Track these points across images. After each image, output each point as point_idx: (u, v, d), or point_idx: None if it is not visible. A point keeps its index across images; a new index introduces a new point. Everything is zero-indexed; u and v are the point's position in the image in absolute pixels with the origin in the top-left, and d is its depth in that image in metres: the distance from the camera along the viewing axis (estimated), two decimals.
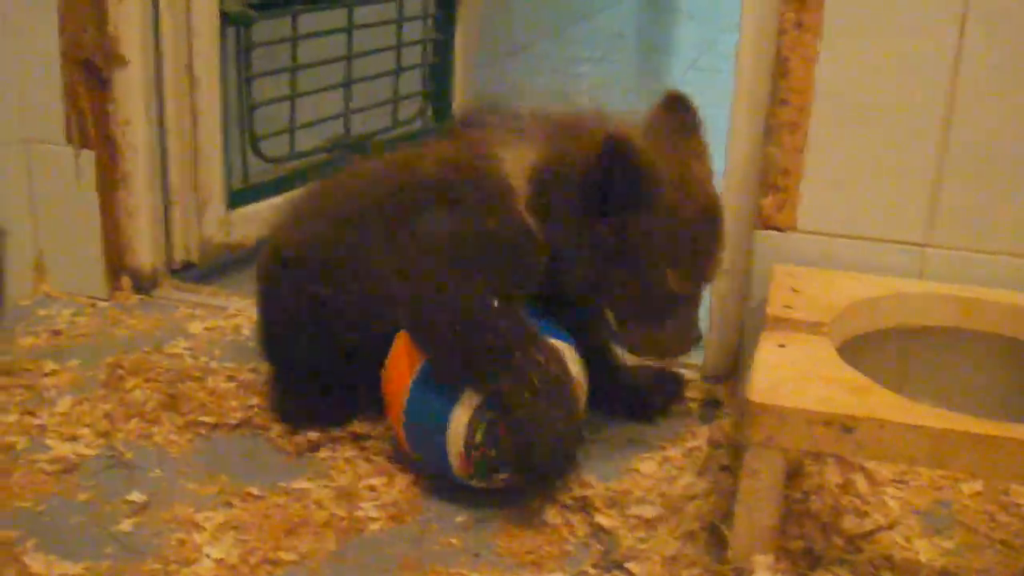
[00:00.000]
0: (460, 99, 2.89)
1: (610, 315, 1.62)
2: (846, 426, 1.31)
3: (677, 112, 1.65)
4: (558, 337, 1.59)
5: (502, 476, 1.54)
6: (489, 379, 1.49)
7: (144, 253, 2.22)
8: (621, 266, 1.56)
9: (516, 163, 1.59)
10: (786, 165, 1.74)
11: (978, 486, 1.63)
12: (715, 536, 1.47)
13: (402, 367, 1.57)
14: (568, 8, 5.57)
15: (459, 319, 1.51)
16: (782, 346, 1.48)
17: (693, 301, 1.64)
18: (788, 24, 1.69)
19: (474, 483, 1.56)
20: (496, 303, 1.51)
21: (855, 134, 1.70)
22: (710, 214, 1.60)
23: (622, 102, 4.27)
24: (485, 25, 3.12)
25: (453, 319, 1.51)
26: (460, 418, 1.51)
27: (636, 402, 1.78)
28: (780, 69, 1.71)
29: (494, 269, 1.54)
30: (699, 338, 1.68)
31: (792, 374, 1.40)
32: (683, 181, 1.56)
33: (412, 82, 2.83)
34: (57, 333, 2.05)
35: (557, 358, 1.53)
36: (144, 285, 2.23)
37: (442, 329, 1.51)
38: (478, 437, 1.50)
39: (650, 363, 1.83)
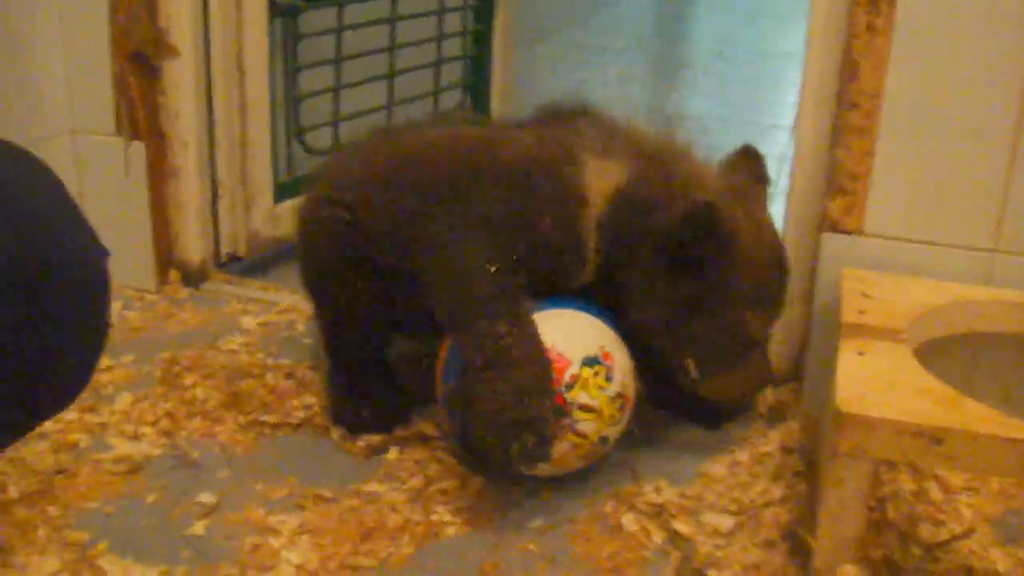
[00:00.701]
0: (498, 89, 2.87)
1: (690, 364, 1.61)
2: (936, 437, 1.31)
3: (750, 162, 1.72)
4: (599, 317, 1.60)
5: None
6: (458, 337, 1.55)
7: (193, 246, 2.21)
8: (697, 312, 1.57)
9: (598, 177, 1.59)
10: (854, 169, 1.73)
11: None
12: (796, 544, 1.47)
13: (442, 347, 1.63)
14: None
15: (449, 269, 1.56)
16: (862, 354, 1.47)
17: (764, 342, 1.66)
18: (860, 27, 1.68)
19: None
20: (492, 269, 1.53)
21: (924, 138, 1.69)
22: (779, 257, 1.65)
23: (645, 93, 4.27)
24: (523, 11, 3.10)
25: (445, 268, 1.57)
26: None
27: (708, 408, 1.77)
28: (850, 72, 1.70)
29: (519, 254, 1.56)
30: (774, 379, 1.71)
31: (877, 383, 1.39)
32: (757, 229, 1.61)
33: (452, 73, 2.82)
34: None
35: (530, 337, 1.50)
36: (193, 278, 2.22)
37: (440, 279, 1.57)
38: None
39: None
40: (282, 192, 2.34)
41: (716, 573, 1.43)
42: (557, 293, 1.60)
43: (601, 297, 1.61)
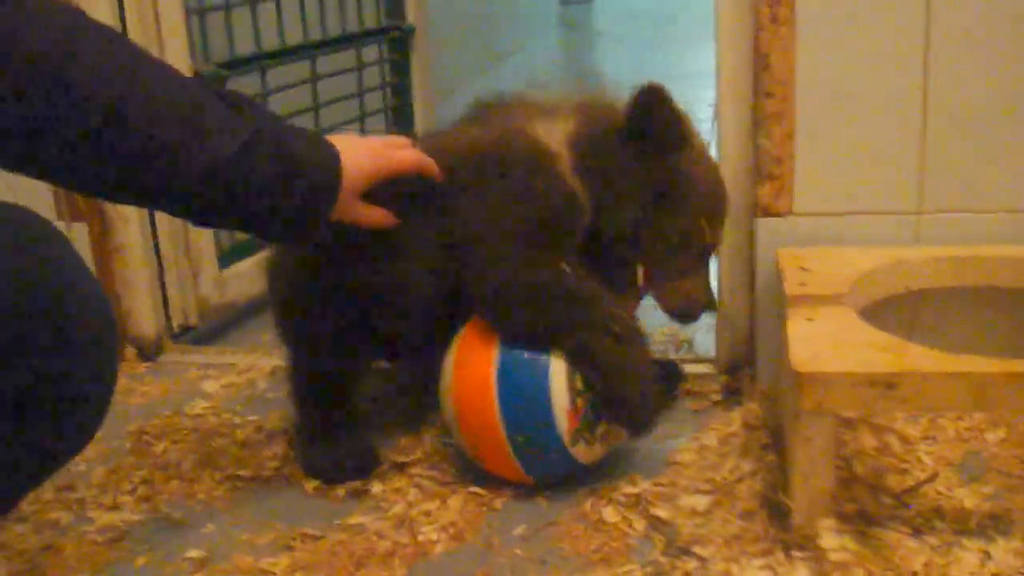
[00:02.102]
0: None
1: (639, 270, 1.69)
2: (889, 383, 1.37)
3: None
4: None
5: (601, 431, 1.60)
6: (572, 338, 1.56)
7: (146, 321, 2.23)
8: (663, 209, 1.65)
9: (552, 134, 1.66)
10: (778, 153, 1.80)
11: (1002, 433, 1.70)
12: (773, 510, 1.51)
13: (474, 367, 1.61)
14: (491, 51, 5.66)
15: (537, 291, 1.57)
16: (810, 319, 1.53)
17: (708, 265, 1.76)
18: (764, 20, 1.76)
19: (579, 450, 1.59)
20: (565, 267, 1.58)
21: (840, 116, 1.77)
22: (719, 176, 1.76)
23: None
24: (435, 64, 3.18)
25: (531, 292, 1.57)
26: (559, 371, 1.56)
27: None
28: (762, 63, 1.78)
29: (549, 235, 1.60)
30: (715, 302, 1.81)
31: (828, 342, 1.45)
32: (700, 141, 1.72)
33: (375, 125, 2.88)
34: None
35: (628, 311, 1.64)
36: (149, 352, 2.24)
37: (521, 304, 1.58)
38: (579, 383, 1.57)
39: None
40: (226, 258, 2.37)
41: (701, 549, 1.47)
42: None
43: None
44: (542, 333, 1.57)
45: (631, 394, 1.55)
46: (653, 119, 1.61)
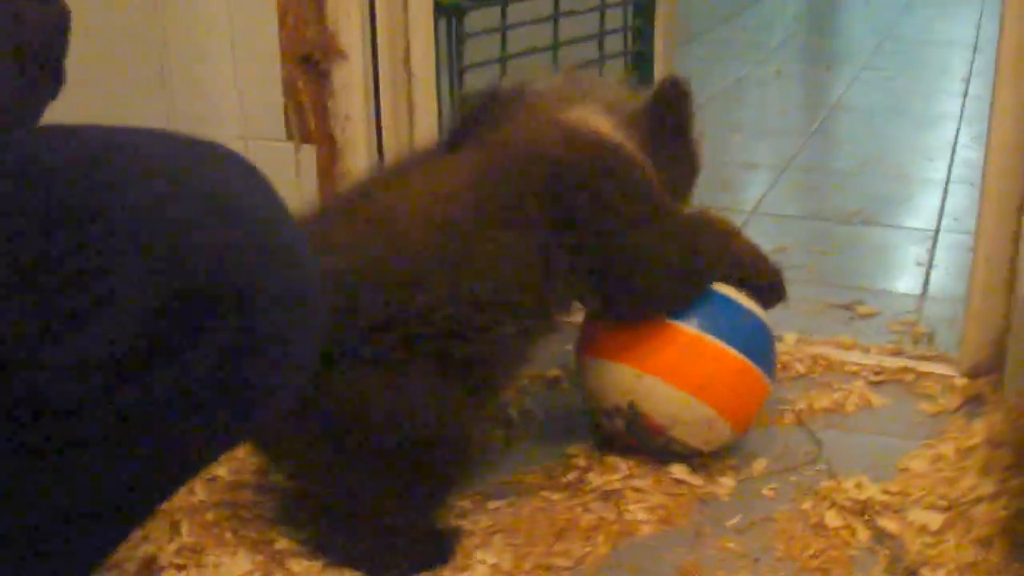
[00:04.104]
0: None
1: None
2: None
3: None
4: None
5: None
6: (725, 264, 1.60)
7: None
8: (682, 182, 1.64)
9: (597, 121, 1.54)
10: None
11: None
12: (1016, 542, 1.38)
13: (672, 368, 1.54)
14: None
15: (694, 255, 1.56)
16: None
17: None
18: None
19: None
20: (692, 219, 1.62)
21: None
22: None
23: (805, 89, 4.16)
24: (680, 10, 3.05)
25: (693, 257, 1.56)
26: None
27: None
28: None
29: (663, 205, 1.55)
30: None
31: None
32: None
33: (615, 70, 2.77)
34: None
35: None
36: None
37: (690, 272, 1.56)
38: None
39: None
40: None
41: (930, 572, 1.35)
42: None
43: None
44: (704, 273, 1.58)
45: (772, 273, 1.66)
46: (679, 110, 1.58)
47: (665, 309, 1.55)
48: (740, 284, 1.60)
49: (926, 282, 2.27)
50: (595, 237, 1.48)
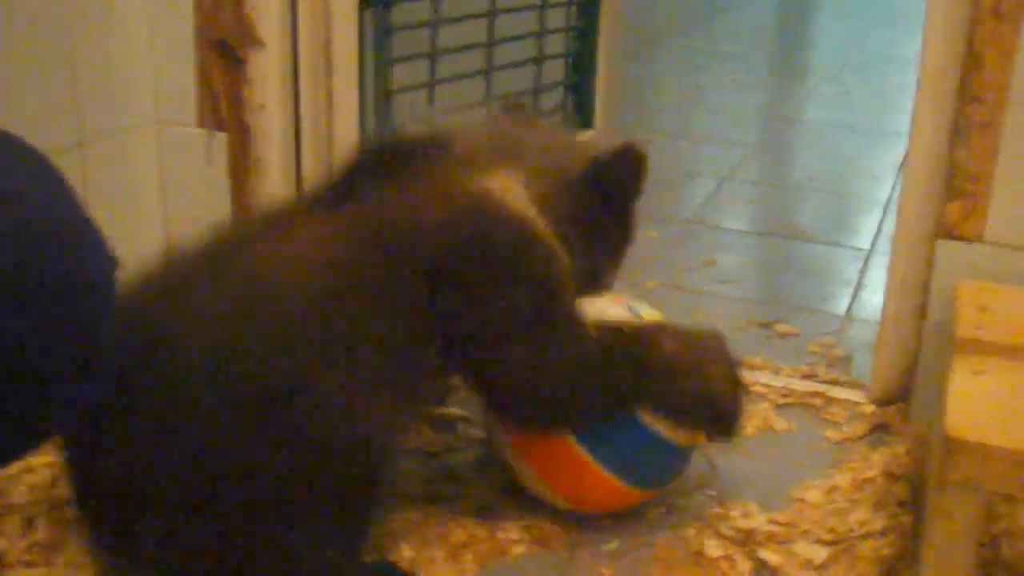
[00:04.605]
0: (602, 91, 2.75)
1: None
2: None
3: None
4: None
5: None
6: (647, 394, 1.38)
7: None
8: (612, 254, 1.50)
9: (514, 194, 1.36)
10: (975, 169, 1.58)
11: None
12: None
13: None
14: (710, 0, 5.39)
15: (588, 366, 1.35)
16: (978, 373, 1.32)
17: None
18: (984, 13, 1.52)
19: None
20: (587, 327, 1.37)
21: None
22: None
23: (761, 98, 4.11)
24: (628, 14, 2.99)
25: (583, 371, 1.35)
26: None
27: None
28: (973, 63, 1.55)
29: (562, 306, 1.36)
30: None
31: (994, 407, 1.24)
32: None
33: (554, 72, 2.71)
34: None
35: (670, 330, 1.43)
36: None
37: (579, 387, 1.35)
38: None
39: None
40: None
41: None
42: None
43: None
44: (612, 409, 1.37)
45: (723, 404, 1.41)
46: (629, 182, 1.44)
47: (550, 428, 1.40)
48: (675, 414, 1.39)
49: (851, 304, 2.22)
50: (472, 338, 1.32)
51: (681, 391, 1.37)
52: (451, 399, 1.67)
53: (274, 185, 2.09)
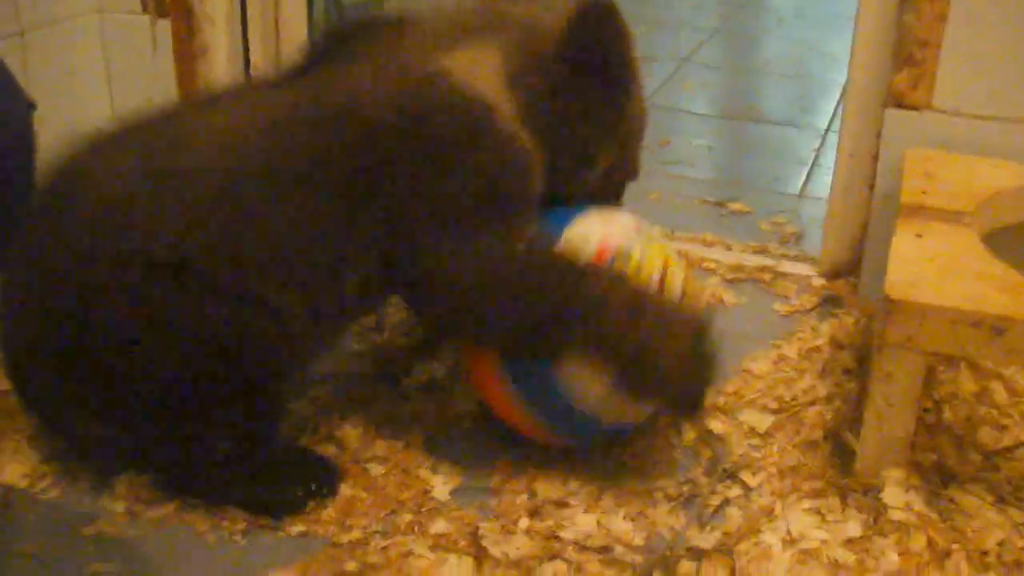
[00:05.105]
0: None
1: None
2: (998, 327, 1.16)
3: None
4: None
5: None
6: (573, 332, 1.22)
7: None
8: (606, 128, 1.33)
9: (478, 74, 1.26)
10: (924, 35, 1.56)
11: None
12: (838, 448, 1.33)
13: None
14: None
15: (512, 286, 1.23)
16: (920, 236, 1.32)
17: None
18: None
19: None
20: (528, 236, 1.25)
21: (1008, 2, 1.51)
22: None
23: None
24: None
25: (505, 290, 1.23)
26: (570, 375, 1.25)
27: None
28: None
29: (502, 214, 1.24)
30: None
31: (934, 268, 1.24)
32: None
33: None
34: None
35: (614, 272, 1.25)
36: None
37: (496, 308, 1.23)
38: None
39: None
40: None
41: (750, 476, 1.31)
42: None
43: None
44: (531, 338, 1.23)
45: (668, 376, 1.21)
46: (597, 38, 1.26)
47: (467, 338, 1.31)
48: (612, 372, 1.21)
49: (805, 182, 2.21)
50: (400, 228, 1.23)
51: (610, 344, 1.20)
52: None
53: (221, 72, 2.05)
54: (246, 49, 2.09)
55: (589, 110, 1.29)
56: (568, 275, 1.22)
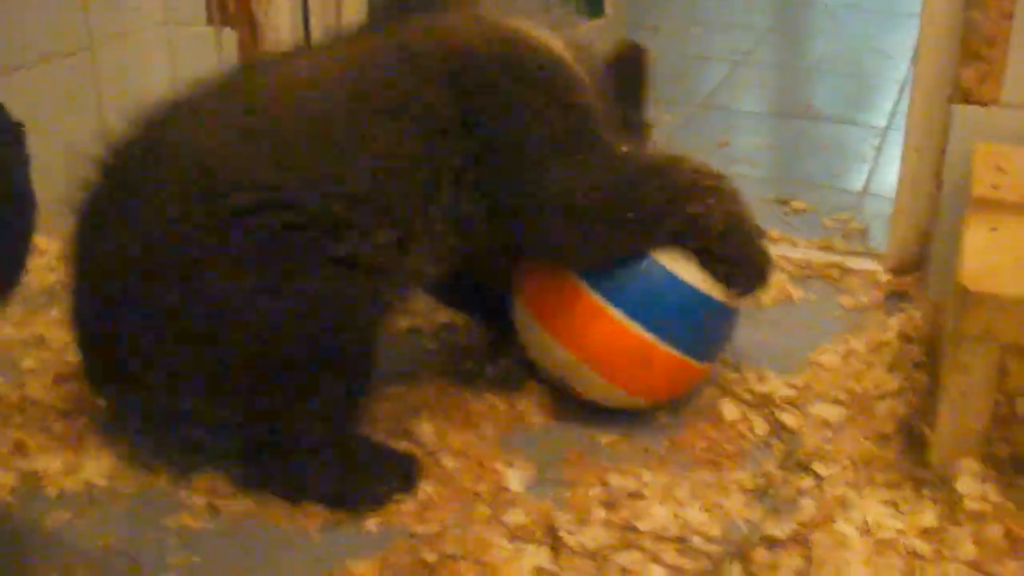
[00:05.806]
0: None
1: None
2: None
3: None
4: None
5: None
6: (672, 216, 1.34)
7: None
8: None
9: (550, 40, 1.36)
10: (991, 32, 1.56)
11: None
12: (912, 440, 1.34)
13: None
14: None
15: (624, 193, 1.33)
16: (994, 229, 1.32)
17: None
18: None
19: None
20: (624, 149, 1.36)
21: None
22: None
23: None
24: None
25: (617, 190, 1.33)
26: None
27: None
28: None
29: (595, 132, 1.34)
30: None
31: (1010, 259, 1.25)
32: None
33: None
34: None
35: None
36: None
37: (609, 205, 1.32)
38: None
39: None
40: None
41: (823, 467, 1.31)
42: None
43: None
44: (636, 237, 1.34)
45: (750, 242, 1.39)
46: (638, 76, 1.43)
47: (572, 265, 1.37)
48: (701, 253, 1.35)
49: (868, 179, 2.21)
50: (497, 151, 1.30)
51: (703, 223, 1.33)
52: None
53: None
54: None
55: (623, 122, 1.42)
56: (663, 169, 1.35)
